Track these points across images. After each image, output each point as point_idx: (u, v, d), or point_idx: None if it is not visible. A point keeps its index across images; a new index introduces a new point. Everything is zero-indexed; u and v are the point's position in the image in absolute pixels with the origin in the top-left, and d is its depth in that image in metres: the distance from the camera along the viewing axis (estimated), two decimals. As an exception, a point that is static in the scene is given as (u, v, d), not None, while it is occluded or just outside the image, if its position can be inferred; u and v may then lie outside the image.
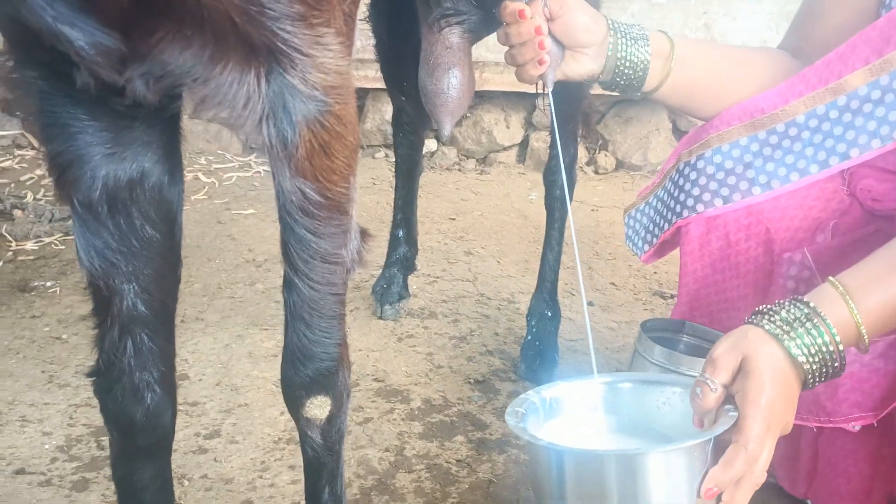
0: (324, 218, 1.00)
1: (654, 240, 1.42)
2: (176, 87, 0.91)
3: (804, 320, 0.98)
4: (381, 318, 2.14)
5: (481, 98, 3.34)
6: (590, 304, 2.29)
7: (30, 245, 2.47)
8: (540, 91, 1.35)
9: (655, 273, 2.47)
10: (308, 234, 1.00)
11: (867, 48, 1.17)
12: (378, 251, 2.30)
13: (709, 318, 1.39)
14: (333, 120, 0.95)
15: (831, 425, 1.15)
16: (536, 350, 1.93)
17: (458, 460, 1.63)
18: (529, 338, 1.96)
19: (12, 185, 2.88)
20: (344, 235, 1.03)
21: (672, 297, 2.29)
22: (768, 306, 1.02)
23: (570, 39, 1.29)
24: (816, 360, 0.98)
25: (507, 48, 1.32)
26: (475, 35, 1.54)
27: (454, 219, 2.82)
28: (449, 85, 1.49)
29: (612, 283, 2.42)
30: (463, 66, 1.50)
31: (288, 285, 1.05)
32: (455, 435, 1.71)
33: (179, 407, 1.71)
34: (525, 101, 3.31)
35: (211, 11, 0.83)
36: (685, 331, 1.39)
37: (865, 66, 1.16)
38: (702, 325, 1.38)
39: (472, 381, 1.90)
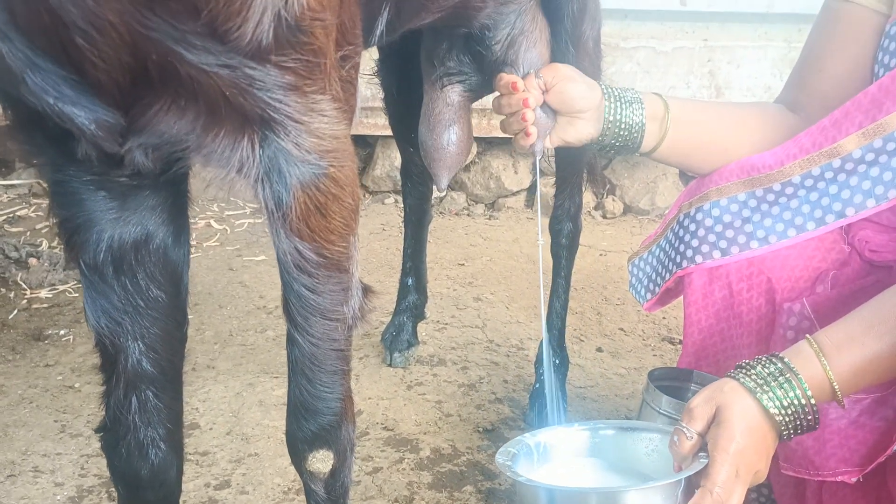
0: (322, 276, 1.02)
1: (657, 288, 1.44)
2: (172, 154, 0.95)
3: (777, 375, 1.04)
4: (390, 365, 2.15)
5: (489, 144, 3.39)
6: (599, 349, 2.29)
7: (44, 293, 2.50)
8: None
9: (664, 318, 2.47)
10: (306, 292, 1.03)
11: (860, 114, 1.20)
12: (387, 297, 2.31)
13: (715, 366, 1.39)
14: (329, 182, 0.98)
15: (819, 479, 1.17)
16: (545, 398, 1.93)
17: (466, 510, 1.63)
18: (538, 386, 1.96)
19: (28, 233, 2.92)
20: (344, 293, 1.05)
21: (681, 342, 2.29)
22: (747, 361, 1.07)
23: (566, 107, 1.36)
24: (789, 413, 1.03)
25: (503, 114, 1.39)
26: (475, 94, 1.59)
27: (463, 264, 2.84)
28: (448, 141, 1.54)
29: (621, 329, 2.42)
30: (462, 123, 1.55)
31: (290, 341, 1.08)
32: (464, 485, 1.71)
33: (190, 457, 1.73)
34: (533, 148, 3.35)
35: (202, 85, 0.86)
36: (693, 380, 1.40)
37: (859, 130, 1.19)
38: (709, 373, 1.39)
39: (481, 429, 1.90)
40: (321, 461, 1.12)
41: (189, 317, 1.19)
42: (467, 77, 1.53)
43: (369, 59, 1.97)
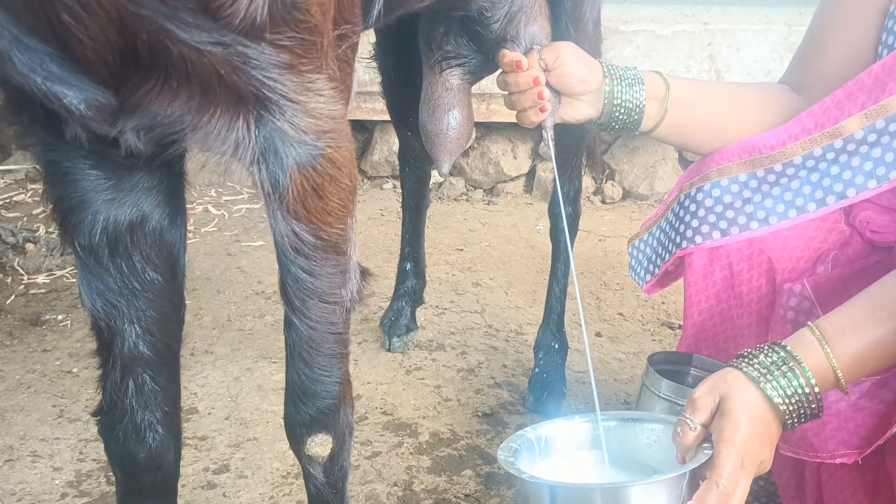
0: (319, 258, 1.01)
1: (656, 270, 1.44)
2: (167, 136, 0.93)
3: (780, 364, 1.03)
4: (389, 350, 2.15)
5: (488, 129, 3.37)
6: (598, 335, 2.29)
7: (41, 278, 2.49)
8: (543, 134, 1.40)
9: (664, 303, 2.47)
10: (304, 274, 1.02)
11: (862, 94, 1.19)
12: (386, 283, 2.31)
13: (715, 348, 1.39)
14: (326, 163, 0.97)
15: (818, 461, 1.17)
16: (544, 382, 1.93)
17: (466, 495, 1.63)
18: (537, 370, 1.96)
19: (25, 218, 2.91)
20: (342, 275, 1.04)
21: (680, 327, 2.29)
22: (749, 350, 1.06)
23: (567, 89, 1.36)
24: (793, 402, 1.02)
25: (506, 92, 1.37)
26: (475, 77, 1.58)
27: (462, 249, 2.84)
28: (448, 125, 1.53)
29: (620, 314, 2.42)
30: (462, 106, 1.54)
31: (287, 324, 1.07)
32: (463, 469, 1.71)
33: (188, 441, 1.73)
34: (532, 132, 3.34)
35: (195, 64, 0.84)
36: (693, 363, 1.39)
37: (861, 111, 1.18)
38: (708, 356, 1.38)
39: (480, 413, 1.90)
40: (320, 445, 1.11)
41: (187, 302, 1.19)
42: (466, 60, 1.52)
43: (366, 42, 1.95)
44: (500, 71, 1.41)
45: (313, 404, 1.10)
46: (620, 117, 1.35)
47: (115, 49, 0.82)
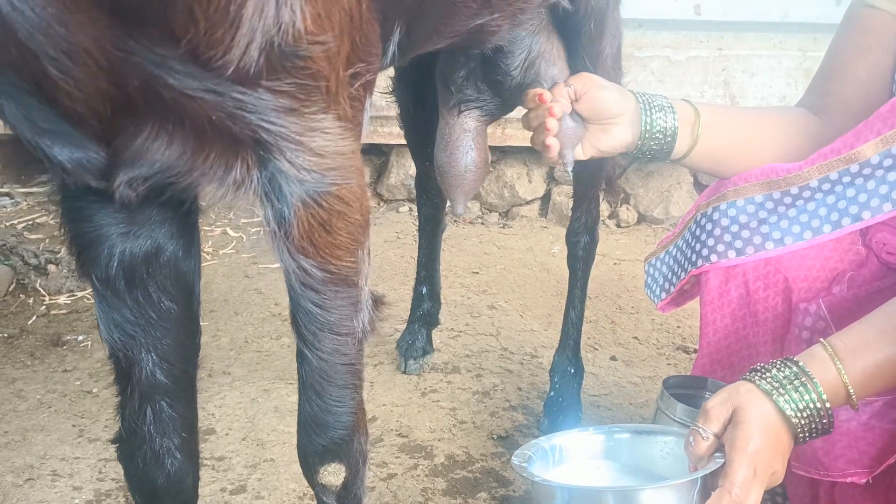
0: (330, 292, 1.02)
1: (672, 288, 1.44)
2: (163, 183, 0.92)
3: (793, 378, 1.04)
4: (404, 372, 2.16)
5: (504, 153, 3.39)
6: (613, 358, 2.29)
7: (63, 299, 2.52)
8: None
9: (678, 327, 2.47)
10: (314, 307, 1.02)
11: (878, 122, 1.21)
12: (402, 305, 2.32)
13: (730, 368, 1.39)
14: (332, 199, 0.97)
15: (829, 479, 1.17)
16: (560, 406, 1.94)
17: (480, 518, 1.64)
18: (552, 394, 1.97)
19: (47, 240, 2.95)
20: (353, 307, 1.04)
21: (695, 351, 2.29)
22: (763, 365, 1.08)
23: (599, 113, 1.36)
24: (805, 415, 1.04)
25: (531, 129, 1.39)
26: (492, 118, 1.59)
27: (477, 272, 2.85)
28: (466, 167, 1.54)
29: (636, 338, 2.42)
30: (479, 148, 1.55)
31: (299, 356, 1.08)
32: (479, 492, 1.71)
33: (206, 462, 1.75)
34: (547, 156, 3.35)
35: (187, 109, 0.83)
36: (707, 387, 1.40)
37: (877, 137, 1.20)
38: (724, 375, 1.39)
39: (495, 436, 1.91)
40: (333, 474, 1.12)
41: (205, 323, 1.20)
42: (485, 103, 1.53)
43: (385, 76, 1.98)
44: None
45: (326, 435, 1.10)
46: (659, 138, 1.36)
47: (107, 99, 0.80)
